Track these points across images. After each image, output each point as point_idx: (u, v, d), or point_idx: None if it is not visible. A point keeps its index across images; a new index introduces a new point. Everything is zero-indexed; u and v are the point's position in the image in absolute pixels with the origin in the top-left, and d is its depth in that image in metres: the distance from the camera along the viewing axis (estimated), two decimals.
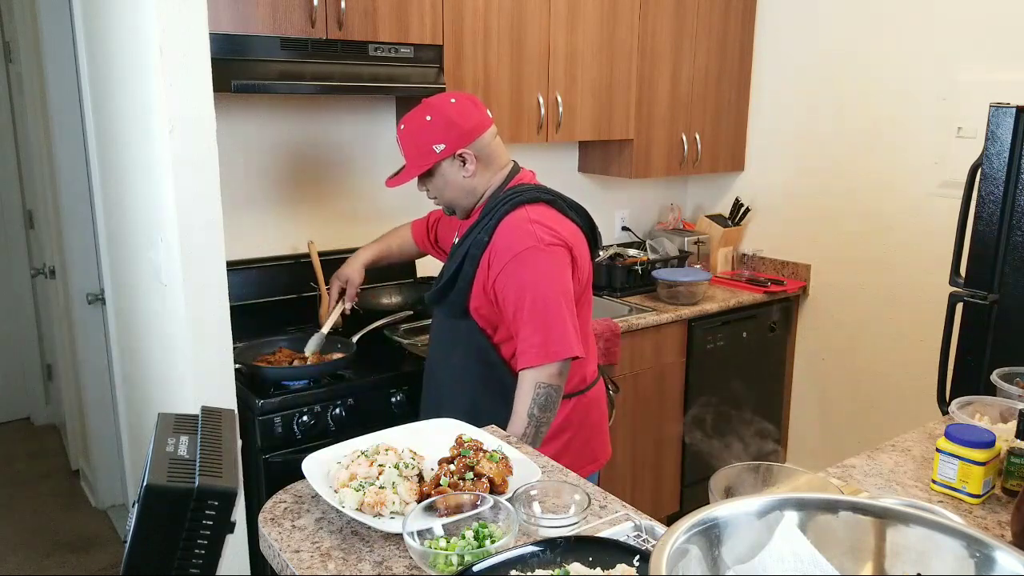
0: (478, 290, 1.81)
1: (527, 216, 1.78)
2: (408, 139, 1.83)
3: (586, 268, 1.88)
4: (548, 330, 1.71)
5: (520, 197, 1.81)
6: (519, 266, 1.73)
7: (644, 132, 3.16)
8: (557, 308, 1.72)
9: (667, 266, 3.31)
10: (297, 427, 2.12)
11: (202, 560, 0.87)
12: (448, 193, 1.87)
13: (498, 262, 1.76)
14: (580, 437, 1.93)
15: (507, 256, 1.74)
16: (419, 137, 1.81)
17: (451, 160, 1.82)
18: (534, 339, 1.71)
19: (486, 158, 1.85)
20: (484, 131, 1.84)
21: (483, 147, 1.84)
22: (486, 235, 1.79)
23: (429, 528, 1.16)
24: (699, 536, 0.80)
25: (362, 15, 2.34)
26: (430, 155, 1.80)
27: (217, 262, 1.92)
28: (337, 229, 2.80)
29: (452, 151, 1.80)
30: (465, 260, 1.81)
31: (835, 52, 3.21)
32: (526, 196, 1.81)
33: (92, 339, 3.14)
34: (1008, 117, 2.10)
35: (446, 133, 1.79)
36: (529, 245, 1.73)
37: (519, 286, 1.73)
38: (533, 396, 1.72)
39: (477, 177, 1.84)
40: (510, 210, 1.79)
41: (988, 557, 0.78)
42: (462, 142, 1.80)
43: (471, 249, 1.81)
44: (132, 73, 2.03)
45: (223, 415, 1.02)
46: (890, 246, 3.13)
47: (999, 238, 2.14)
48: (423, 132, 1.80)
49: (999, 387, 1.69)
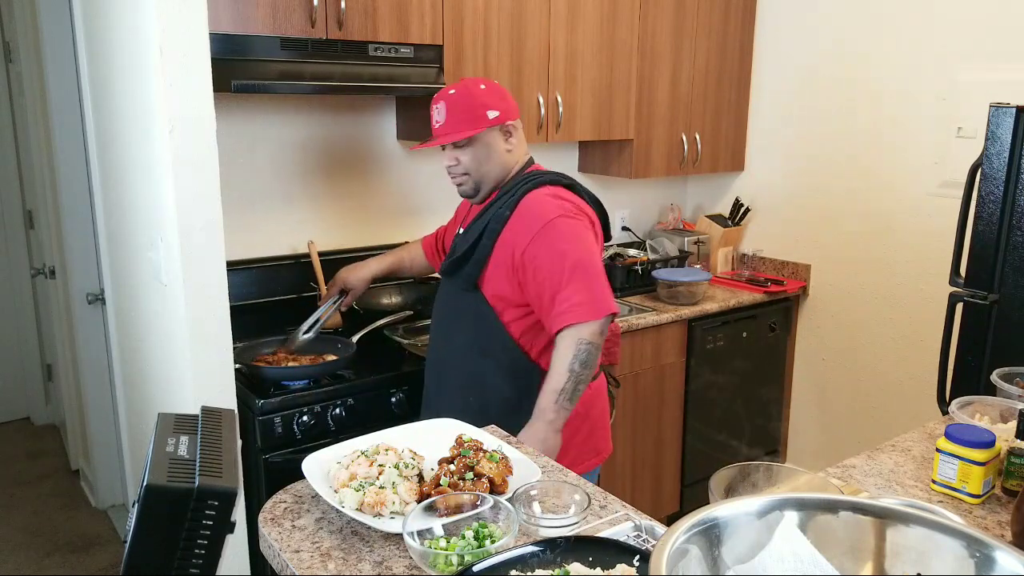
0: (497, 263, 1.83)
1: (551, 192, 1.84)
2: (459, 103, 1.83)
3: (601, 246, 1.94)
4: (590, 289, 1.74)
5: (542, 178, 1.87)
6: (552, 232, 1.76)
7: (644, 132, 3.16)
8: (595, 269, 1.77)
9: (667, 266, 3.31)
10: (297, 427, 2.12)
11: (202, 560, 0.87)
12: (485, 166, 1.88)
13: (526, 232, 1.78)
14: (585, 428, 1.94)
15: (537, 224, 1.77)
16: (474, 101, 1.83)
17: (499, 129, 1.86)
18: (576, 298, 1.73)
19: (520, 140, 1.92)
20: (519, 116, 1.92)
21: (520, 129, 1.92)
22: (507, 210, 1.83)
23: (429, 528, 1.16)
24: (699, 536, 0.80)
25: (362, 15, 2.34)
26: (483, 120, 1.83)
27: (217, 262, 1.92)
28: (337, 229, 2.80)
29: (504, 120, 1.84)
30: (484, 234, 1.84)
31: (835, 52, 3.21)
32: (547, 178, 1.88)
33: (92, 339, 3.14)
34: (1008, 117, 2.10)
35: (500, 102, 1.85)
36: (559, 213, 1.78)
37: (557, 251, 1.75)
38: (575, 352, 1.73)
39: (513, 155, 1.90)
40: (532, 188, 1.84)
41: (988, 557, 0.78)
42: (511, 115, 1.87)
43: (491, 223, 1.84)
44: (132, 73, 2.03)
45: (223, 415, 1.01)
46: (890, 246, 3.13)
47: (999, 238, 2.14)
48: (478, 97, 1.83)
49: (999, 387, 1.69)
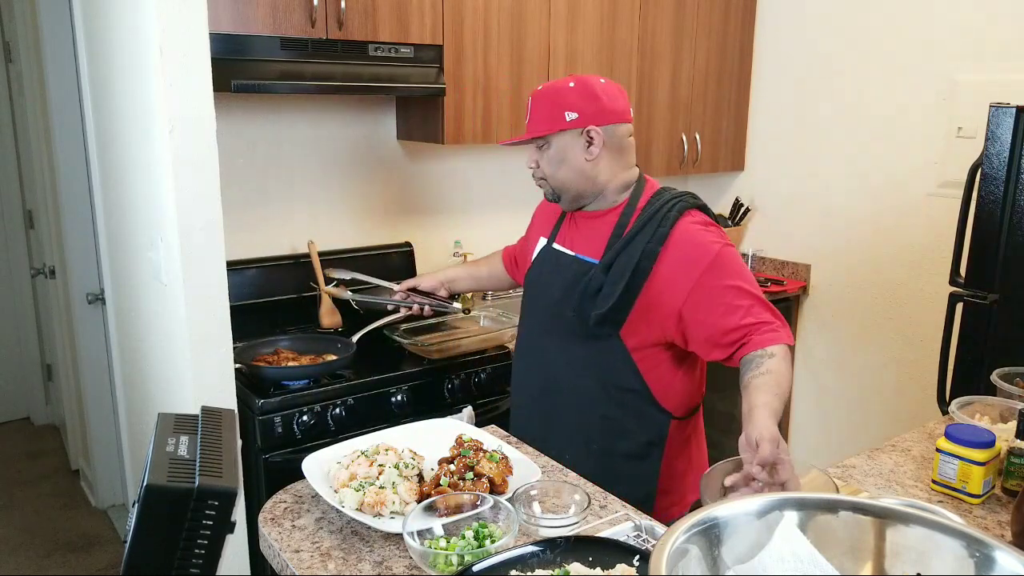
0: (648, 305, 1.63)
1: (699, 220, 1.65)
2: (542, 100, 1.66)
3: None
4: (778, 315, 1.60)
5: (684, 203, 1.66)
6: (721, 267, 1.59)
7: (644, 132, 3.16)
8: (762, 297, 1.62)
9: None
10: (297, 427, 2.12)
11: (202, 560, 0.87)
12: (561, 172, 1.67)
13: (692, 270, 1.59)
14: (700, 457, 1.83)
15: (704, 262, 1.58)
16: (555, 100, 1.64)
17: (577, 134, 1.64)
18: (775, 320, 1.57)
19: (615, 149, 1.67)
20: (623, 121, 1.67)
21: (616, 137, 1.67)
22: (657, 244, 1.61)
23: (429, 528, 1.16)
24: (699, 536, 0.80)
25: (362, 15, 2.34)
26: (559, 120, 1.63)
27: (217, 262, 1.92)
28: (337, 229, 2.80)
29: (583, 124, 1.63)
30: (636, 274, 1.61)
31: (835, 52, 3.21)
32: (689, 202, 1.67)
33: (92, 339, 3.14)
34: (1008, 117, 2.10)
35: (584, 104, 1.63)
36: (722, 245, 1.61)
37: (736, 287, 1.58)
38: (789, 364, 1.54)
39: (600, 165, 1.66)
40: (679, 216, 1.63)
41: (988, 557, 0.78)
42: (597, 119, 1.63)
43: (641, 262, 1.61)
44: (132, 73, 2.03)
45: (223, 415, 1.01)
46: (890, 246, 3.13)
47: (999, 238, 2.14)
48: (561, 95, 1.64)
49: (999, 387, 1.69)
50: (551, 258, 1.77)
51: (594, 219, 1.71)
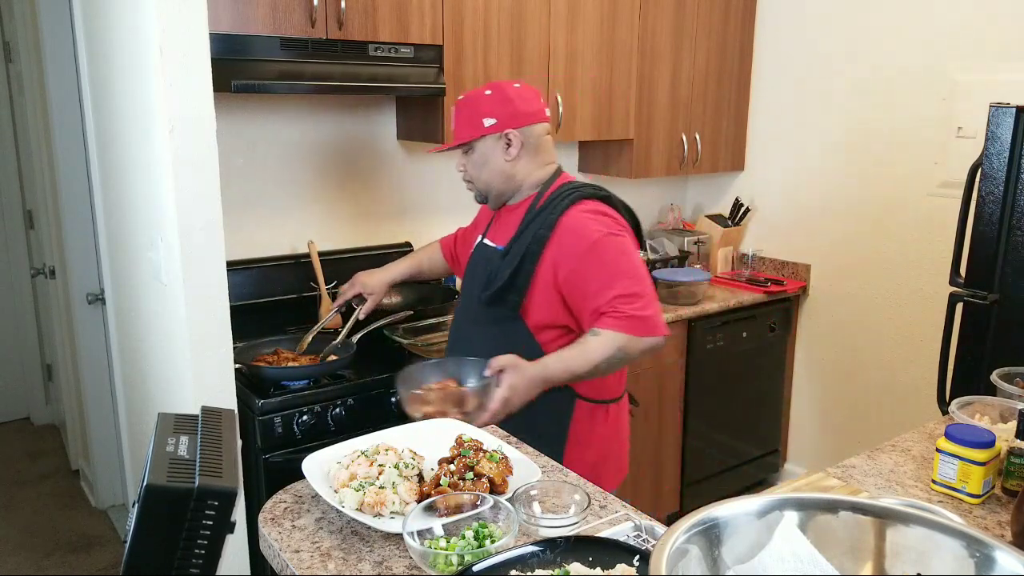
0: (537, 288, 1.75)
1: (590, 209, 1.76)
2: (463, 109, 1.82)
3: None
4: (648, 307, 1.67)
5: (578, 193, 1.78)
6: (600, 254, 1.69)
7: (644, 132, 3.16)
8: (649, 289, 1.70)
9: (667, 266, 3.31)
10: (297, 427, 2.12)
11: (202, 560, 0.87)
12: (485, 174, 1.83)
13: (570, 255, 1.71)
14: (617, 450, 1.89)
15: (582, 247, 1.70)
16: (473, 107, 1.80)
17: (496, 138, 1.79)
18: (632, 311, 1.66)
19: (533, 148, 1.82)
20: (538, 121, 1.82)
21: (532, 136, 1.81)
22: (546, 230, 1.74)
23: (429, 528, 1.16)
24: (699, 536, 0.80)
25: (362, 15, 2.34)
26: (478, 127, 1.79)
27: (217, 262, 1.92)
28: (337, 229, 2.80)
29: (501, 128, 1.78)
30: (525, 258, 1.75)
31: (835, 52, 3.21)
32: (584, 192, 1.79)
33: (92, 339, 3.14)
34: (1008, 117, 2.10)
35: (500, 109, 1.78)
36: (602, 233, 1.71)
37: (608, 273, 1.68)
38: (610, 354, 1.65)
39: (519, 164, 1.82)
40: (570, 205, 1.75)
41: (988, 557, 0.78)
42: (513, 123, 1.78)
43: (531, 246, 1.75)
44: (132, 73, 2.03)
45: (223, 415, 1.01)
46: (890, 246, 3.13)
47: (999, 238, 2.14)
48: (479, 103, 1.80)
49: (999, 387, 1.69)
50: (479, 251, 1.92)
51: (510, 212, 1.87)
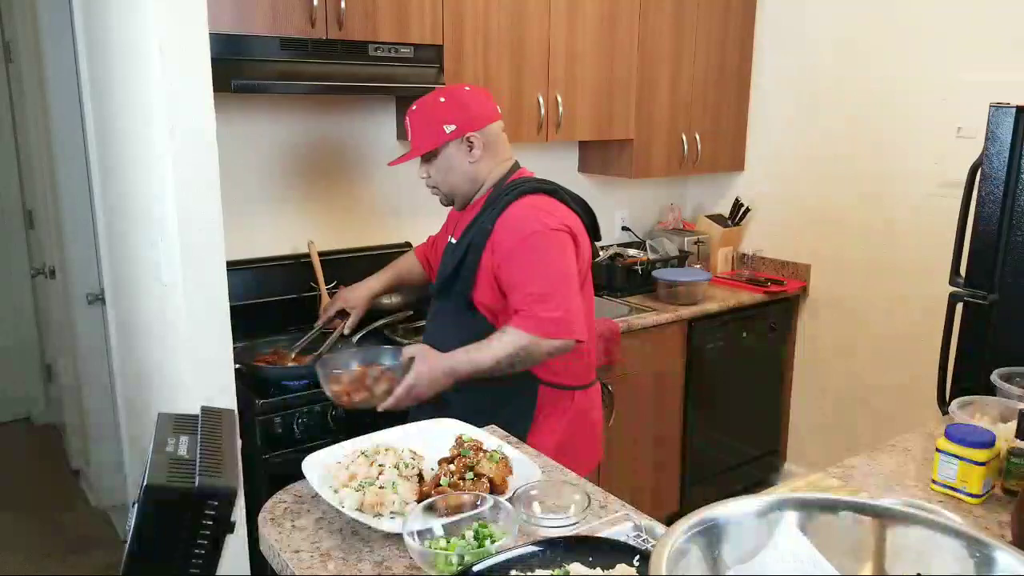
0: (483, 279, 1.81)
1: (531, 203, 1.80)
2: (419, 118, 1.84)
3: (586, 256, 1.90)
4: (563, 308, 1.71)
5: (523, 187, 1.84)
6: (528, 250, 1.74)
7: (644, 132, 3.16)
8: (571, 288, 1.75)
9: (667, 266, 3.31)
10: (297, 427, 2.12)
11: (202, 560, 0.88)
12: (451, 178, 1.87)
13: (503, 248, 1.76)
14: (582, 438, 1.93)
15: (513, 241, 1.75)
16: (431, 116, 1.83)
17: (459, 143, 1.83)
18: (546, 312, 1.70)
19: (492, 147, 1.87)
20: (493, 121, 1.87)
21: (491, 136, 1.86)
22: (489, 223, 1.80)
23: (429, 528, 1.16)
24: (699, 536, 0.80)
25: (362, 15, 2.34)
26: (439, 135, 1.82)
27: (217, 262, 1.92)
28: (337, 229, 2.80)
29: (462, 133, 1.82)
30: (469, 250, 1.82)
31: (835, 52, 3.21)
32: (528, 187, 1.84)
33: (92, 339, 3.14)
34: (1008, 117, 2.10)
35: (458, 114, 1.82)
36: (535, 229, 1.75)
37: (529, 269, 1.73)
38: (512, 352, 1.71)
39: (481, 164, 1.86)
40: (513, 200, 1.81)
41: (988, 557, 0.78)
42: (472, 125, 1.82)
43: (475, 239, 1.82)
44: (132, 73, 2.03)
45: (223, 415, 1.02)
46: (890, 246, 3.13)
47: (999, 238, 2.14)
48: (435, 111, 1.82)
49: (999, 387, 1.69)
50: (446, 250, 1.97)
51: (471, 209, 1.91)
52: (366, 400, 1.75)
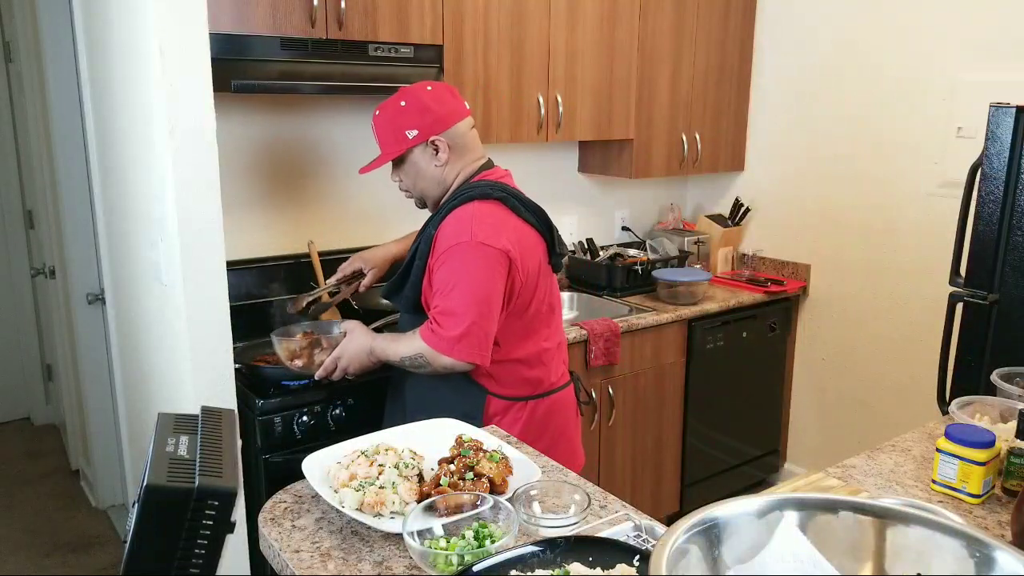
0: (427, 283, 1.80)
1: (472, 211, 1.75)
2: (382, 125, 1.82)
3: (530, 271, 1.81)
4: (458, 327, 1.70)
5: (471, 192, 1.79)
6: (450, 259, 1.72)
7: (644, 132, 3.16)
8: (477, 309, 1.70)
9: (667, 266, 3.31)
10: (297, 427, 2.12)
11: (202, 560, 0.87)
12: (420, 183, 1.86)
13: (436, 253, 1.76)
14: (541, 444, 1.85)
15: (442, 248, 1.74)
16: (393, 122, 1.80)
17: (423, 147, 1.81)
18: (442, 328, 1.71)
19: (460, 148, 1.83)
20: (459, 120, 1.82)
21: (457, 136, 1.82)
22: (433, 228, 1.79)
23: (429, 528, 1.16)
24: (699, 536, 0.80)
25: (362, 15, 2.34)
26: (403, 141, 1.79)
27: (217, 262, 1.92)
28: (337, 229, 2.80)
29: (425, 137, 1.79)
30: (416, 255, 1.81)
31: (835, 52, 3.21)
32: (477, 192, 1.79)
33: (92, 339, 3.14)
34: (1008, 117, 2.10)
35: (420, 118, 1.78)
36: (462, 240, 1.71)
37: (445, 280, 1.72)
38: (413, 355, 1.75)
39: (449, 167, 1.83)
40: (458, 205, 1.77)
41: (988, 557, 0.78)
42: (435, 129, 1.79)
43: (421, 244, 1.80)
44: (132, 73, 2.03)
45: (223, 415, 1.01)
46: (890, 246, 3.13)
47: (999, 238, 2.14)
48: (397, 117, 1.79)
49: (999, 387, 1.69)
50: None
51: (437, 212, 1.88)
52: (307, 367, 1.95)
